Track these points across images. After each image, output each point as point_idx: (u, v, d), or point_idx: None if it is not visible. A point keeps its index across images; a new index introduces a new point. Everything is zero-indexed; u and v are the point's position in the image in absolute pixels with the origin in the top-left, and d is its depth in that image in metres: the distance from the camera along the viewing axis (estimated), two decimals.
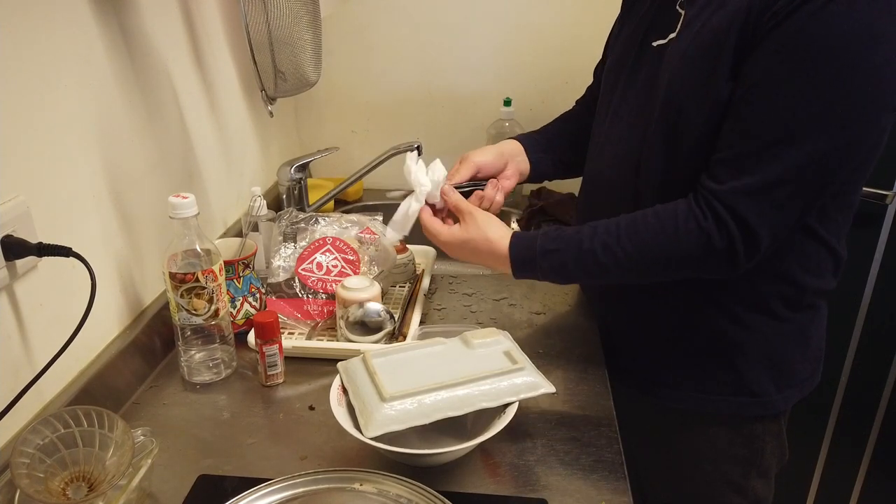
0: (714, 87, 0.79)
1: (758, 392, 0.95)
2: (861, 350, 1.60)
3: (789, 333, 0.94)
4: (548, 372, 0.86)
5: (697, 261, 0.82)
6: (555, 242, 0.88)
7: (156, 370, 0.98)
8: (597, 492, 0.76)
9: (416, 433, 0.78)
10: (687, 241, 0.81)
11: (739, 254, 0.80)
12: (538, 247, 0.88)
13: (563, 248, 0.87)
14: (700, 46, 0.81)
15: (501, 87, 1.61)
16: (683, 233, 0.81)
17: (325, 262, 1.09)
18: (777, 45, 0.74)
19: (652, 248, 0.83)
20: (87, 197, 0.87)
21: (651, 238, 0.83)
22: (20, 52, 0.74)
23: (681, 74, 0.83)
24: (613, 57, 1.00)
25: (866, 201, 1.46)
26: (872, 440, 1.67)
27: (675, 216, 0.82)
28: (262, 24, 1.05)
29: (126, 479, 0.68)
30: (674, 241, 0.82)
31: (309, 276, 1.07)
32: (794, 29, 0.73)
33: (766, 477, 1.01)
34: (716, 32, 0.79)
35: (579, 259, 0.86)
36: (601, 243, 0.85)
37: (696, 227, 0.80)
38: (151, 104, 1.02)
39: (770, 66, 0.75)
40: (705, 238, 0.80)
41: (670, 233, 0.82)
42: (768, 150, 0.76)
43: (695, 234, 0.80)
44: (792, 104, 0.75)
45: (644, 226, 0.84)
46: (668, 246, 0.82)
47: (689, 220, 0.81)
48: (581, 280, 0.86)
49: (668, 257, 0.83)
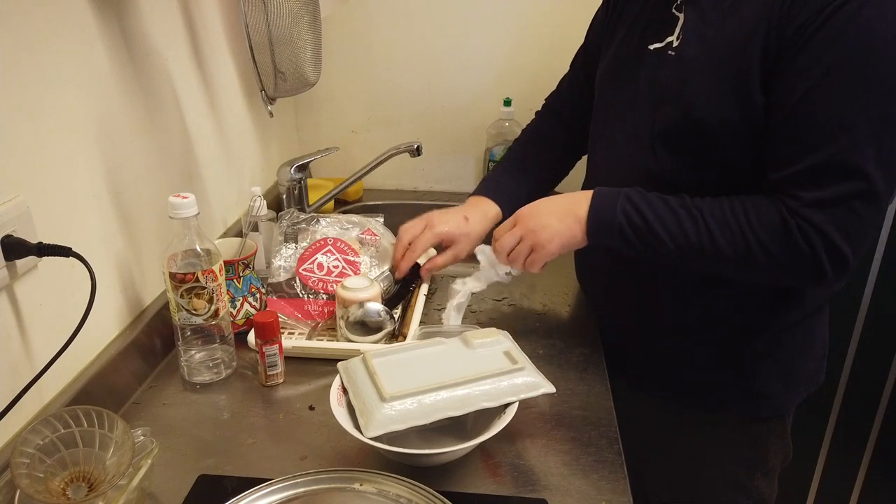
0: (740, 101, 0.79)
1: (766, 393, 0.94)
2: (861, 350, 1.60)
3: (797, 333, 0.93)
4: (548, 372, 0.86)
5: (779, 258, 0.79)
6: (639, 191, 0.86)
7: (156, 370, 0.98)
8: (597, 492, 0.76)
9: (416, 433, 0.78)
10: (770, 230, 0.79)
11: (825, 266, 0.78)
12: (623, 190, 0.86)
13: (648, 197, 0.85)
14: (717, 58, 0.80)
15: (501, 87, 1.61)
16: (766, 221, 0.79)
17: (326, 262, 1.09)
18: (817, 55, 0.74)
19: (734, 230, 0.80)
20: (87, 197, 0.87)
21: (734, 218, 0.81)
22: (20, 52, 0.74)
23: (693, 82, 0.82)
24: (609, 61, 0.99)
25: None
26: (872, 440, 1.67)
27: (759, 205, 0.80)
28: (261, 23, 1.05)
29: (126, 479, 0.68)
30: (755, 226, 0.79)
31: (310, 276, 1.07)
32: (831, 37, 0.73)
33: (770, 477, 1.01)
34: (733, 44, 0.79)
35: (663, 213, 0.83)
36: (686, 208, 0.82)
37: (780, 219, 0.78)
38: (151, 104, 1.02)
39: (816, 77, 0.75)
40: (787, 234, 0.78)
41: (752, 217, 0.80)
42: (832, 161, 0.75)
43: (778, 226, 0.78)
44: (847, 111, 0.74)
45: (729, 206, 0.81)
46: (749, 231, 0.80)
47: (772, 212, 0.79)
48: (660, 246, 0.83)
49: (749, 244, 0.80)
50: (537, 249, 0.91)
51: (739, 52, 0.78)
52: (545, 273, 1.24)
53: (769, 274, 0.82)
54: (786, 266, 0.80)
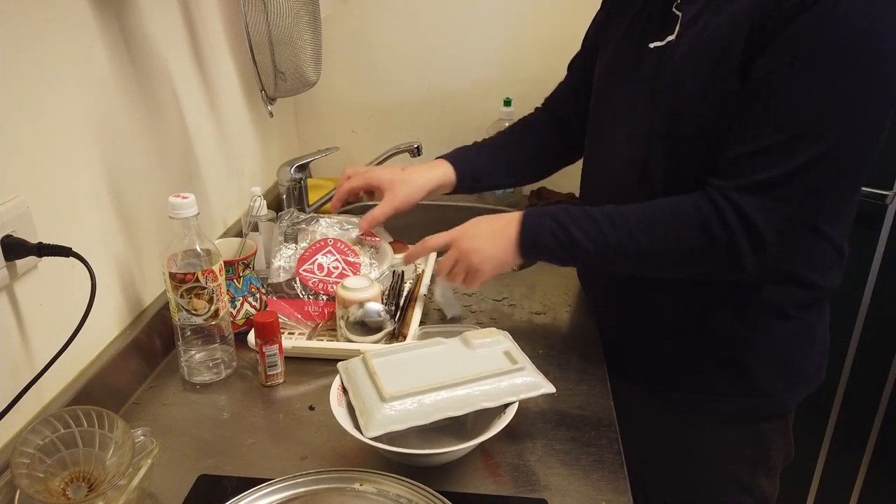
0: (721, 90, 0.79)
1: (767, 391, 0.94)
2: (861, 350, 1.60)
3: (797, 332, 0.93)
4: (548, 372, 0.86)
5: (699, 251, 0.82)
6: (564, 208, 0.89)
7: (156, 370, 0.98)
8: (597, 492, 0.76)
9: (416, 433, 0.78)
10: (688, 227, 0.81)
11: (742, 250, 0.79)
12: (548, 209, 0.89)
13: (573, 212, 0.88)
14: (703, 49, 0.81)
15: (501, 87, 1.61)
16: (685, 219, 0.81)
17: (327, 263, 1.09)
18: (785, 45, 0.74)
19: (655, 231, 0.83)
20: (87, 197, 0.87)
21: (655, 220, 0.83)
22: (20, 52, 0.74)
23: (684, 77, 0.83)
24: (608, 61, 0.99)
25: (866, 201, 1.45)
26: (873, 440, 1.67)
27: (681, 203, 0.83)
28: (261, 24, 1.05)
29: (126, 479, 0.68)
30: (675, 225, 0.82)
31: (310, 277, 1.07)
32: (803, 29, 0.73)
33: (772, 475, 1.01)
34: (719, 34, 0.79)
35: (586, 226, 0.86)
36: (608, 217, 0.85)
37: (697, 214, 0.80)
38: (151, 104, 1.02)
39: (779, 66, 0.75)
40: (704, 226, 0.80)
41: (674, 217, 0.82)
42: (776, 149, 0.76)
43: (695, 221, 0.81)
44: (800, 103, 0.75)
45: (651, 209, 0.84)
46: (670, 230, 0.82)
47: (691, 209, 0.81)
48: (586, 255, 0.87)
49: (670, 243, 0.83)
50: (471, 272, 0.94)
51: (726, 47, 0.78)
52: (545, 273, 1.24)
53: (694, 264, 0.84)
54: (706, 252, 0.81)
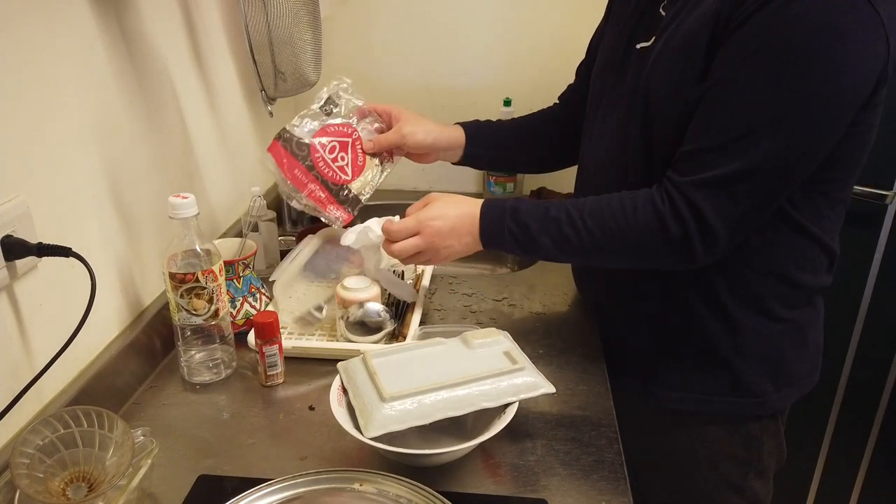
0: (687, 88, 0.81)
1: (756, 392, 0.95)
2: (861, 350, 1.60)
3: (787, 332, 0.94)
4: (548, 372, 0.86)
5: (653, 245, 0.84)
6: (524, 204, 0.90)
7: (156, 370, 0.98)
8: (597, 492, 0.76)
9: (416, 433, 0.78)
10: (643, 222, 0.83)
11: (695, 244, 0.81)
12: (508, 206, 0.90)
13: (531, 210, 0.89)
14: (674, 48, 0.82)
15: (501, 87, 1.61)
16: (641, 214, 0.83)
17: (337, 151, 1.07)
18: (740, 43, 0.75)
19: (611, 226, 0.85)
20: (87, 197, 0.87)
21: (611, 216, 0.85)
22: (20, 52, 0.74)
23: (657, 76, 0.84)
24: (600, 61, 1.01)
25: (866, 201, 1.45)
26: (872, 440, 1.67)
27: (636, 198, 0.84)
28: (261, 24, 1.05)
29: (126, 479, 0.68)
30: (631, 221, 0.83)
31: (319, 152, 1.06)
32: (756, 27, 0.74)
33: (765, 477, 1.01)
34: (687, 35, 0.81)
35: (544, 224, 0.88)
36: (566, 213, 0.87)
37: (653, 210, 0.82)
38: (151, 104, 1.02)
39: (733, 63, 0.76)
40: (659, 222, 0.82)
41: (629, 213, 0.84)
42: (728, 146, 0.77)
43: (651, 216, 0.82)
44: (751, 101, 0.76)
45: (608, 205, 0.86)
46: (626, 225, 0.84)
47: (647, 205, 0.83)
48: (545, 251, 0.89)
49: (626, 238, 0.84)
50: (434, 262, 0.97)
51: (692, 44, 0.79)
52: (545, 273, 1.24)
53: (648, 258, 0.86)
54: (659, 245, 0.83)
